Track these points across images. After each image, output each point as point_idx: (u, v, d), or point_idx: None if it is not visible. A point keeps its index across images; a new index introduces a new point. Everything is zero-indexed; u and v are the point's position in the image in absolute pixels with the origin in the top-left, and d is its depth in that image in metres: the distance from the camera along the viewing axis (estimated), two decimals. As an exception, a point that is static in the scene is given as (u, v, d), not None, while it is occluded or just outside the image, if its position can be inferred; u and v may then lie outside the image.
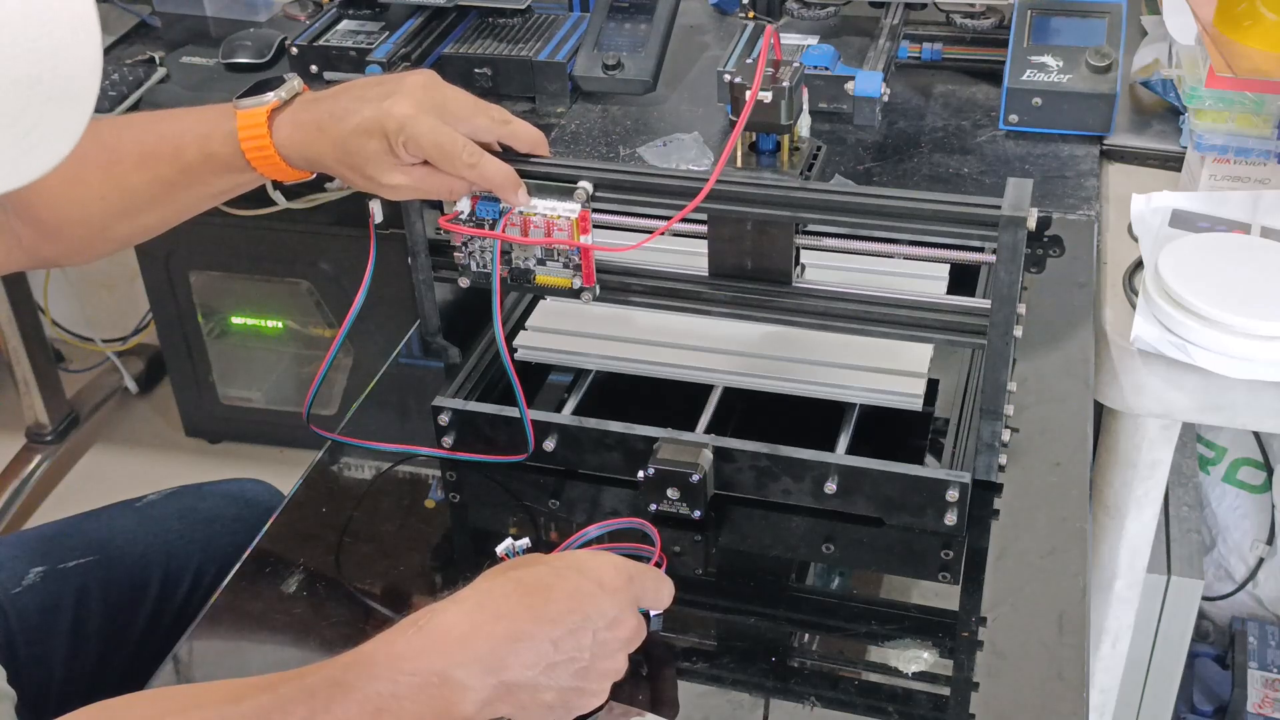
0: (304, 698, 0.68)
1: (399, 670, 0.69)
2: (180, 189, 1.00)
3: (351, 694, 0.68)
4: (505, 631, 0.71)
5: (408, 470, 1.03)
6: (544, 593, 0.73)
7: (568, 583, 0.74)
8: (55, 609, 1.09)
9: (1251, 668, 1.66)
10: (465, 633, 0.71)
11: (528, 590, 0.73)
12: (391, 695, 0.68)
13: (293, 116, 0.95)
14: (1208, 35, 1.24)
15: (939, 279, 1.08)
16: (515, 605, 0.72)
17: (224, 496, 1.23)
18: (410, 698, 0.68)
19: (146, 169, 0.99)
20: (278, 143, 0.95)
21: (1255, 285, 1.09)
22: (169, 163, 0.98)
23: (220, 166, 0.97)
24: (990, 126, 1.43)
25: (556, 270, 0.98)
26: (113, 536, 1.15)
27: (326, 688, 0.68)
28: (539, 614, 0.72)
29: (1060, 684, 0.81)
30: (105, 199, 0.99)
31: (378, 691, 0.68)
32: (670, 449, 0.94)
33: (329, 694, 0.68)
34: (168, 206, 1.02)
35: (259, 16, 1.83)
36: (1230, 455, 1.72)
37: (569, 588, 0.74)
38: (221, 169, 0.98)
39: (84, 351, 2.52)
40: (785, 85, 0.91)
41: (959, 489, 0.91)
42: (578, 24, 1.60)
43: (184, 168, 0.98)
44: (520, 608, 0.72)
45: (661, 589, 0.81)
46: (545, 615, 0.72)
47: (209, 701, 0.70)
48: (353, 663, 0.70)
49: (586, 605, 0.74)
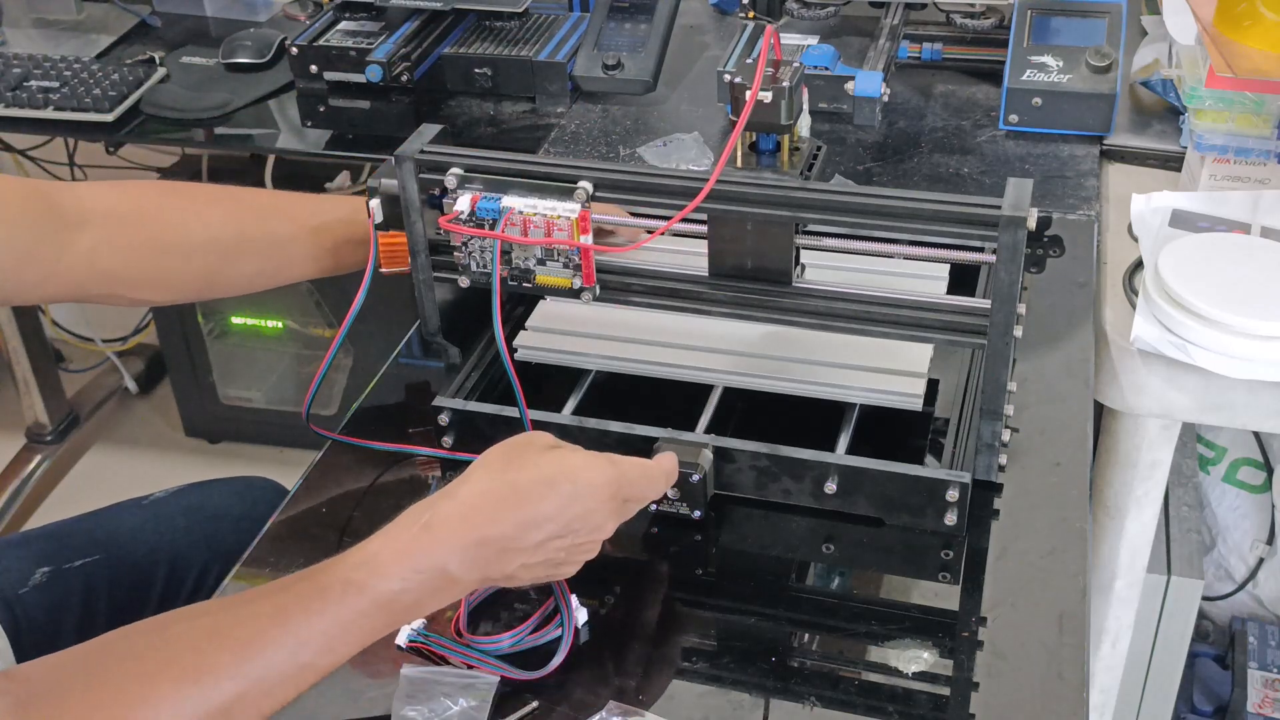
0: (318, 594, 0.73)
1: (406, 568, 0.75)
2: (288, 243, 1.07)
3: (365, 592, 0.74)
4: (498, 536, 0.77)
5: (408, 470, 1.03)
6: (535, 504, 0.78)
7: (559, 494, 0.79)
8: (62, 608, 1.09)
9: (1251, 668, 1.66)
10: (464, 534, 0.77)
11: (521, 499, 0.78)
12: (401, 590, 0.75)
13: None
14: (1208, 35, 1.24)
15: (939, 279, 1.08)
16: (508, 514, 0.77)
17: (230, 494, 1.24)
18: (415, 590, 0.75)
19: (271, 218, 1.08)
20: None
21: (1255, 285, 1.09)
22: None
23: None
24: (990, 126, 1.43)
25: (556, 270, 0.98)
26: (118, 535, 1.16)
27: (340, 586, 0.74)
28: (530, 525, 0.78)
29: (1060, 684, 0.81)
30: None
31: (388, 588, 0.74)
32: (670, 449, 0.94)
33: (342, 590, 0.73)
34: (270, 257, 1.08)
35: (259, 16, 1.83)
36: (1230, 455, 1.72)
37: (560, 500, 0.79)
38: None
39: (84, 351, 2.52)
40: (785, 85, 0.91)
41: (959, 489, 0.91)
42: (578, 24, 1.60)
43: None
44: (512, 517, 0.78)
45: (650, 491, 0.87)
46: (535, 527, 0.78)
47: (220, 607, 0.75)
48: (361, 563, 0.75)
49: (575, 521, 0.80)
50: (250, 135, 1.59)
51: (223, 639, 0.71)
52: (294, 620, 0.72)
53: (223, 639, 0.71)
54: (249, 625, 0.72)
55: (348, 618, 0.73)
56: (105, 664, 0.71)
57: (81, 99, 1.57)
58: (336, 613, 0.73)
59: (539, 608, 0.88)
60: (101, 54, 1.74)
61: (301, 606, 0.73)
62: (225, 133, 1.58)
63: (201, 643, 0.71)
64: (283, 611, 0.72)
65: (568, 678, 0.85)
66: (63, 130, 1.64)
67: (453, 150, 0.99)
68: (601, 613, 0.89)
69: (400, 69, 1.55)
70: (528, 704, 0.82)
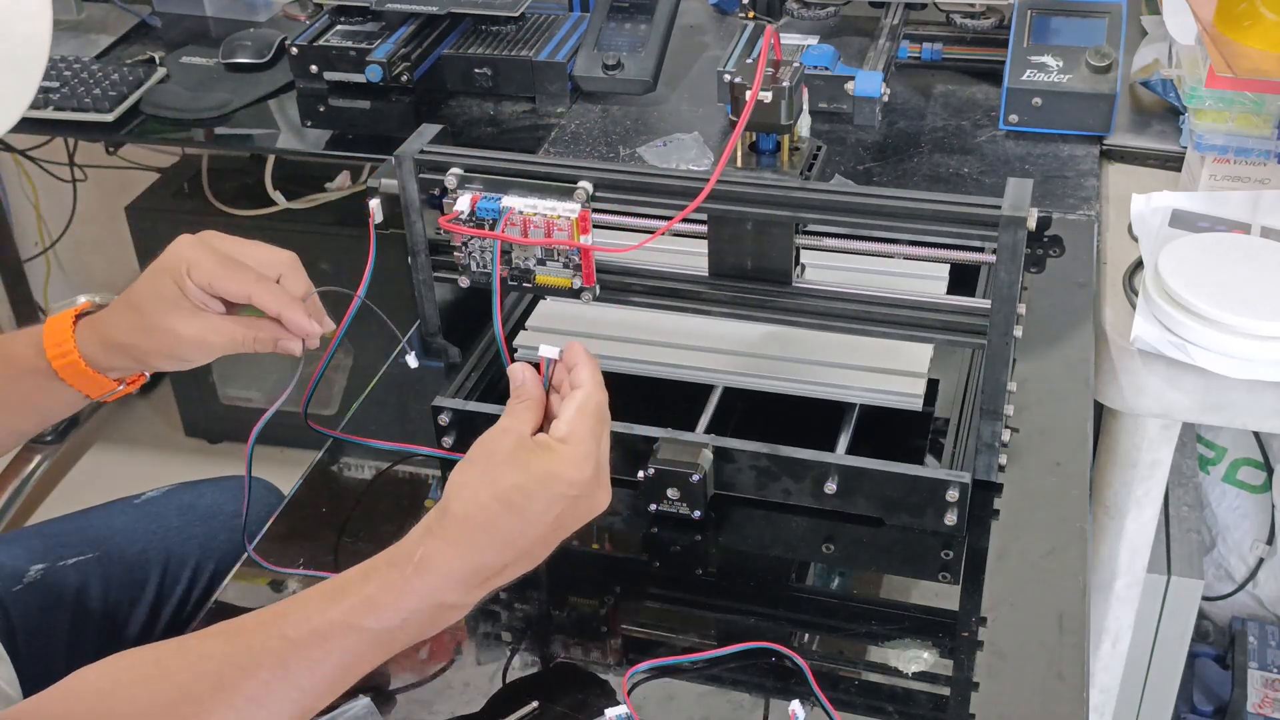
0: (318, 641, 0.73)
1: (404, 608, 0.74)
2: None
3: (364, 634, 0.73)
4: (492, 561, 0.75)
5: (408, 470, 1.03)
6: (523, 510, 0.75)
7: (549, 492, 0.76)
8: (56, 605, 1.09)
9: (1251, 668, 1.66)
10: (458, 567, 0.75)
11: (510, 510, 0.75)
12: (400, 626, 0.74)
13: (95, 316, 0.94)
14: (1208, 35, 1.24)
15: (939, 279, 1.08)
16: (500, 532, 0.75)
17: (222, 493, 1.24)
18: (415, 625, 0.75)
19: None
20: (80, 338, 0.93)
21: (1255, 285, 1.09)
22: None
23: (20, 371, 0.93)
24: (990, 126, 1.43)
25: (556, 270, 0.98)
26: (112, 533, 1.16)
27: (339, 632, 0.73)
28: (522, 533, 0.76)
29: (1060, 684, 0.81)
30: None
31: (386, 627, 0.74)
32: (670, 449, 0.94)
33: (342, 635, 0.73)
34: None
35: (259, 16, 1.83)
36: (1230, 455, 1.72)
37: (548, 499, 0.76)
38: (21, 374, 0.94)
39: (84, 351, 2.52)
40: (785, 85, 0.91)
41: (959, 489, 0.91)
42: (578, 24, 1.60)
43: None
44: (504, 534, 0.75)
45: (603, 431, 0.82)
46: (527, 533, 0.76)
47: (223, 655, 0.73)
48: (358, 605, 0.73)
49: (565, 515, 0.77)
50: (250, 135, 1.59)
51: (229, 693, 0.71)
52: (296, 670, 0.72)
53: (229, 693, 0.71)
54: (252, 679, 0.71)
55: (348, 661, 0.73)
56: (114, 710, 0.71)
57: (81, 99, 1.57)
58: (339, 659, 0.73)
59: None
60: (101, 54, 1.74)
61: (303, 656, 0.72)
62: (225, 133, 1.58)
63: (205, 697, 0.71)
64: (285, 665, 0.72)
65: (568, 677, 0.85)
66: (63, 130, 1.65)
67: (453, 150, 0.99)
68: (602, 612, 0.89)
69: (400, 69, 1.55)
70: (528, 704, 0.82)
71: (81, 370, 0.93)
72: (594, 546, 0.96)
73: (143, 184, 2.21)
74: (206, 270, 0.90)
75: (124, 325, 0.92)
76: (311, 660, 0.72)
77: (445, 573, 0.74)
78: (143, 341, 0.92)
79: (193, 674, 0.72)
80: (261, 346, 0.93)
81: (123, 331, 0.92)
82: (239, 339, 0.92)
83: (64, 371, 0.93)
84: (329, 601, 0.74)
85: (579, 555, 0.94)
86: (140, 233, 2.16)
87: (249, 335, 0.92)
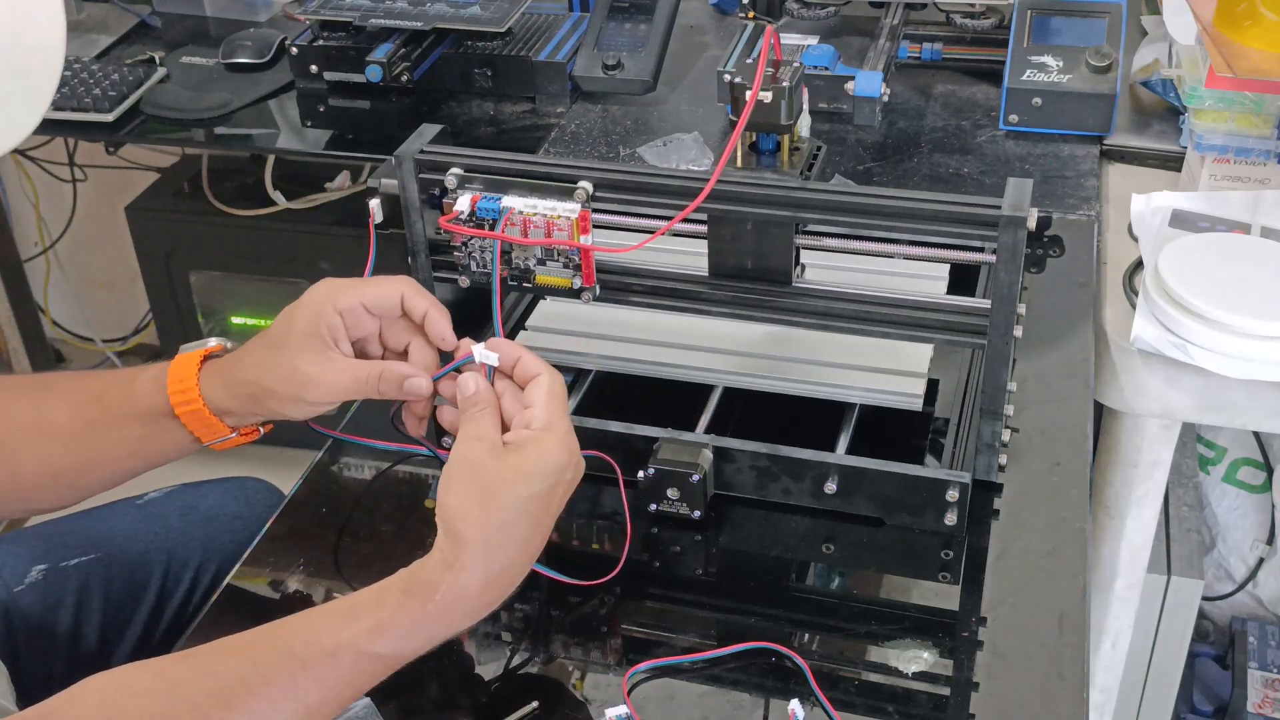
0: (330, 663, 0.73)
1: (425, 634, 0.75)
2: (101, 428, 0.92)
3: (379, 660, 0.74)
4: (512, 578, 0.77)
5: (408, 470, 1.03)
6: (541, 515, 0.77)
7: (558, 483, 0.78)
8: (57, 607, 1.09)
9: (1251, 668, 1.66)
10: (483, 597, 0.76)
11: (529, 520, 0.76)
12: (415, 651, 0.76)
13: (224, 358, 0.92)
14: (1208, 35, 1.24)
15: (939, 279, 1.08)
16: (516, 545, 0.76)
17: (224, 494, 1.24)
18: (427, 648, 0.76)
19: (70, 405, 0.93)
20: (204, 379, 0.90)
21: (1255, 285, 1.09)
22: (92, 400, 0.92)
23: (141, 409, 0.91)
24: (990, 126, 1.43)
25: (556, 270, 0.98)
26: (113, 534, 1.16)
27: (352, 657, 0.73)
28: (536, 534, 0.77)
29: (1060, 684, 0.81)
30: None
31: (398, 652, 0.75)
32: (670, 449, 0.94)
33: (355, 660, 0.73)
34: (90, 449, 0.93)
35: (259, 16, 1.83)
36: (1230, 455, 1.72)
37: (560, 491, 0.78)
38: (142, 412, 0.91)
39: (84, 351, 2.52)
40: (785, 85, 0.91)
41: (959, 489, 0.91)
42: (578, 24, 1.60)
43: (104, 404, 0.92)
44: (520, 545, 0.77)
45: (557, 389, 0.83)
46: (539, 531, 0.78)
47: (235, 676, 0.73)
48: (372, 629, 0.74)
49: (565, 497, 0.79)
50: (250, 135, 1.59)
51: (235, 711, 0.71)
52: (304, 689, 0.72)
53: (235, 711, 0.71)
54: (260, 697, 0.71)
55: (358, 681, 0.74)
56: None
57: (81, 99, 1.57)
58: (348, 679, 0.74)
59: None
60: (101, 54, 1.74)
61: (311, 675, 0.73)
62: (225, 133, 1.58)
63: (212, 712, 0.71)
64: (294, 683, 0.72)
65: (568, 678, 0.85)
66: (63, 130, 1.65)
67: (453, 150, 0.99)
68: (602, 612, 0.89)
69: (400, 69, 1.55)
70: (528, 704, 0.82)
71: (198, 412, 0.91)
72: (594, 547, 0.96)
73: (143, 184, 2.21)
74: (350, 293, 0.90)
75: (250, 361, 0.90)
76: (320, 679, 0.73)
77: (469, 609, 0.75)
78: (266, 377, 0.89)
79: (200, 688, 0.72)
80: (386, 386, 0.89)
81: (248, 367, 0.90)
82: (363, 376, 0.89)
83: (181, 411, 0.91)
84: (341, 622, 0.74)
85: (579, 555, 0.94)
86: (140, 233, 2.15)
87: (374, 372, 0.89)
